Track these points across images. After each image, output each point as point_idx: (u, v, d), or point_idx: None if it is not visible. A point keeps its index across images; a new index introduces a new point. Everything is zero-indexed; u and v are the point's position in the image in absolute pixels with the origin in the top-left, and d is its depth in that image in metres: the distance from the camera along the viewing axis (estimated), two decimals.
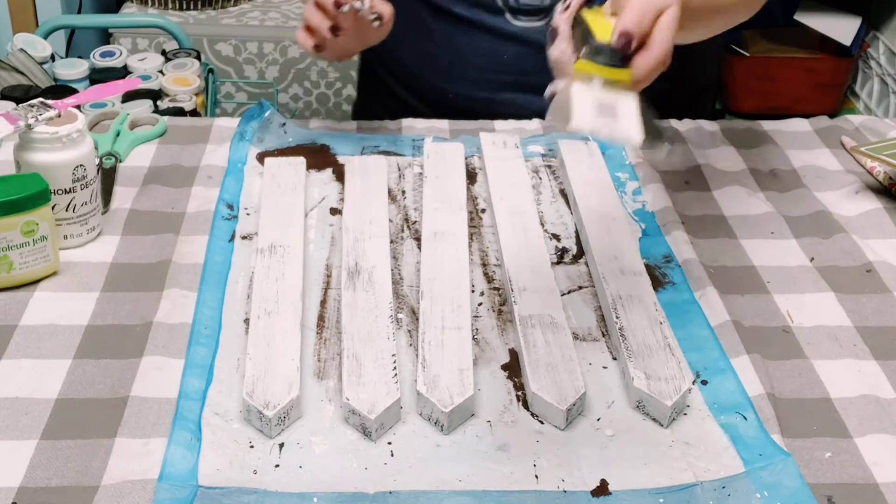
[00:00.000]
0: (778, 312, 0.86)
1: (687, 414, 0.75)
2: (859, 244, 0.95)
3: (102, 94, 1.00)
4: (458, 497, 0.67)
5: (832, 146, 1.15)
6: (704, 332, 0.83)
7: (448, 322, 0.81)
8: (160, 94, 2.08)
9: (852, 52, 2.75)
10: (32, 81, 2.04)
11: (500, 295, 0.88)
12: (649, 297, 0.85)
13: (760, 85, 2.80)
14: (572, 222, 0.99)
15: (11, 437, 0.71)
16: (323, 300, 0.86)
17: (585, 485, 0.69)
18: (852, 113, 2.71)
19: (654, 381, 0.75)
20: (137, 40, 2.48)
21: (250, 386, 0.73)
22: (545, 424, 0.74)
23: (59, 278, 0.88)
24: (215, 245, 0.92)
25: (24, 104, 0.90)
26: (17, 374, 0.77)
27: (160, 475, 0.67)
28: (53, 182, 0.88)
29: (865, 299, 0.88)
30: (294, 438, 0.72)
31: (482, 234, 0.97)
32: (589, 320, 0.85)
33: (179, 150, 1.09)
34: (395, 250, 0.93)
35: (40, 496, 0.66)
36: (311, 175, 1.05)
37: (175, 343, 0.80)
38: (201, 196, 1.00)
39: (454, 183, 1.02)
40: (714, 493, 0.68)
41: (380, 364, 0.76)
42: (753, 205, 1.02)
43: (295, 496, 0.67)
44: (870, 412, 0.75)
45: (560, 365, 0.77)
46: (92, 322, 0.82)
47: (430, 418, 0.73)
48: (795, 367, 0.80)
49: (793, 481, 0.68)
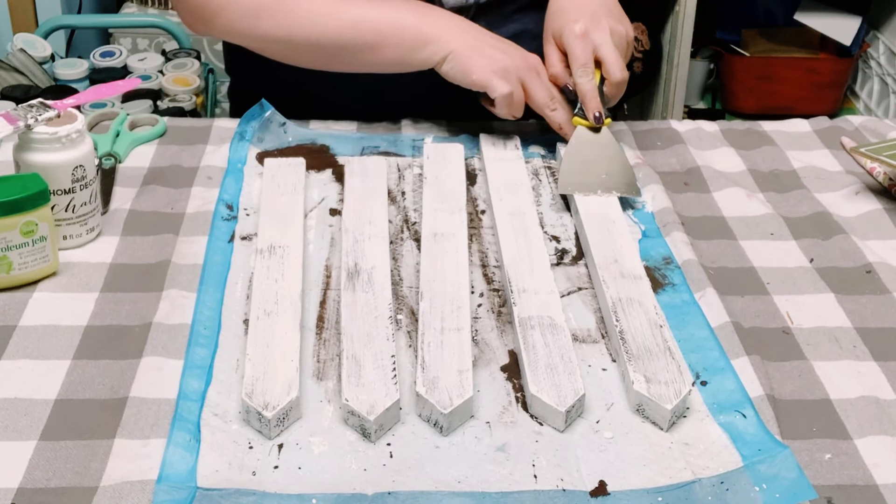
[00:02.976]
0: (778, 313, 0.86)
1: (686, 416, 0.75)
2: (859, 245, 0.95)
3: (102, 94, 1.00)
4: (457, 498, 0.67)
5: (832, 147, 1.15)
6: (704, 333, 0.83)
7: (447, 323, 0.81)
8: (160, 94, 2.08)
9: (852, 52, 2.75)
10: (32, 81, 2.05)
11: (499, 296, 0.88)
12: (649, 300, 0.85)
13: (760, 85, 2.80)
14: (572, 224, 0.99)
15: (10, 438, 0.71)
16: (322, 301, 0.86)
17: (584, 485, 0.69)
18: (852, 113, 2.71)
19: (654, 384, 0.75)
20: (137, 40, 2.47)
21: (249, 387, 0.73)
22: (544, 426, 0.74)
23: (59, 279, 0.88)
24: (215, 245, 0.92)
25: (24, 104, 0.90)
26: (17, 375, 0.76)
27: (159, 476, 0.67)
28: (53, 182, 0.88)
29: (865, 300, 0.88)
30: (293, 439, 0.72)
31: (482, 236, 0.97)
32: (588, 322, 0.85)
33: (179, 151, 1.09)
34: (394, 251, 0.93)
35: (39, 497, 0.66)
36: (310, 176, 1.05)
37: (174, 344, 0.80)
38: (201, 196, 1.00)
39: (454, 184, 1.02)
40: (713, 488, 0.68)
41: (379, 365, 0.76)
42: (753, 206, 1.02)
43: (294, 497, 0.67)
44: (870, 413, 0.75)
45: (559, 366, 0.77)
46: (91, 322, 0.82)
47: (429, 419, 0.73)
48: (795, 369, 0.80)
49: (791, 472, 0.68)
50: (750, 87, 2.82)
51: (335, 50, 1.08)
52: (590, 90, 1.05)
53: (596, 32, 1.05)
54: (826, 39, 2.75)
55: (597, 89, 1.05)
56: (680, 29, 2.56)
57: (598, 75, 1.06)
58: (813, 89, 2.78)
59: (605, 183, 1.00)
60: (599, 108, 1.05)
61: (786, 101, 2.79)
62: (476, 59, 1.05)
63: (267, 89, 1.17)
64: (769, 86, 2.80)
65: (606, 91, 1.06)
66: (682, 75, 2.63)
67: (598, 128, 1.06)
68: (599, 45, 1.05)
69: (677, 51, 2.58)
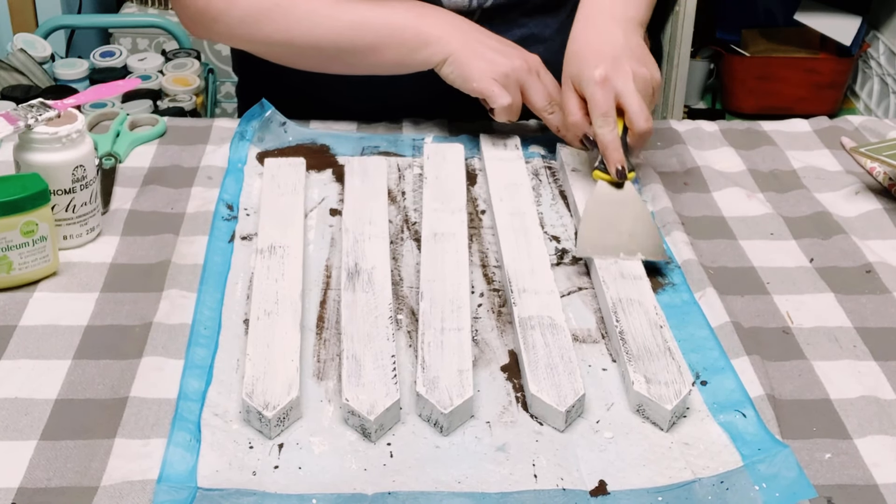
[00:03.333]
0: (777, 313, 0.86)
1: (686, 415, 0.75)
2: (859, 245, 0.95)
3: (102, 94, 1.00)
4: (456, 498, 0.67)
5: (832, 147, 1.15)
6: (704, 333, 0.83)
7: (447, 323, 0.81)
8: (160, 94, 2.08)
9: (852, 52, 2.75)
10: (32, 81, 2.05)
11: (499, 296, 0.88)
12: (649, 300, 0.85)
13: (760, 85, 2.80)
14: (572, 224, 0.99)
15: (11, 438, 0.71)
16: (322, 301, 0.86)
17: (584, 485, 0.69)
18: (852, 113, 2.71)
19: (654, 384, 0.75)
20: (137, 40, 2.47)
21: (250, 387, 0.73)
22: (544, 426, 0.74)
23: (59, 279, 0.88)
24: (215, 245, 0.92)
25: (24, 104, 0.90)
26: (17, 375, 0.76)
27: (159, 476, 0.67)
28: (53, 182, 0.88)
29: (865, 300, 0.88)
30: (293, 439, 0.72)
31: (482, 236, 0.97)
32: (588, 322, 0.85)
33: (179, 151, 1.09)
34: (394, 251, 0.93)
35: (39, 497, 0.66)
36: (310, 176, 1.05)
37: (174, 343, 0.80)
38: (201, 196, 1.00)
39: (454, 184, 1.02)
40: (713, 488, 0.68)
41: (379, 365, 0.76)
42: (753, 206, 1.02)
43: (294, 497, 0.67)
44: (870, 413, 0.75)
45: (559, 366, 0.77)
46: (91, 322, 0.82)
47: (429, 419, 0.74)
48: (795, 368, 0.80)
49: (791, 471, 0.68)
50: (750, 87, 2.82)
51: (335, 52, 1.08)
52: (611, 141, 0.97)
53: (617, 78, 0.98)
54: (826, 39, 2.76)
55: (619, 140, 0.97)
56: (680, 29, 2.56)
57: (620, 124, 0.98)
58: (813, 89, 2.79)
59: (628, 245, 0.91)
60: (622, 161, 0.96)
61: (786, 101, 2.80)
62: (476, 63, 1.04)
63: (274, 89, 1.17)
64: (769, 86, 2.80)
65: (630, 142, 0.99)
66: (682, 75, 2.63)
67: (621, 183, 0.96)
68: (621, 91, 0.97)
69: (677, 51, 2.58)
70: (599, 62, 0.98)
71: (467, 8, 1.12)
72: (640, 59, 1.01)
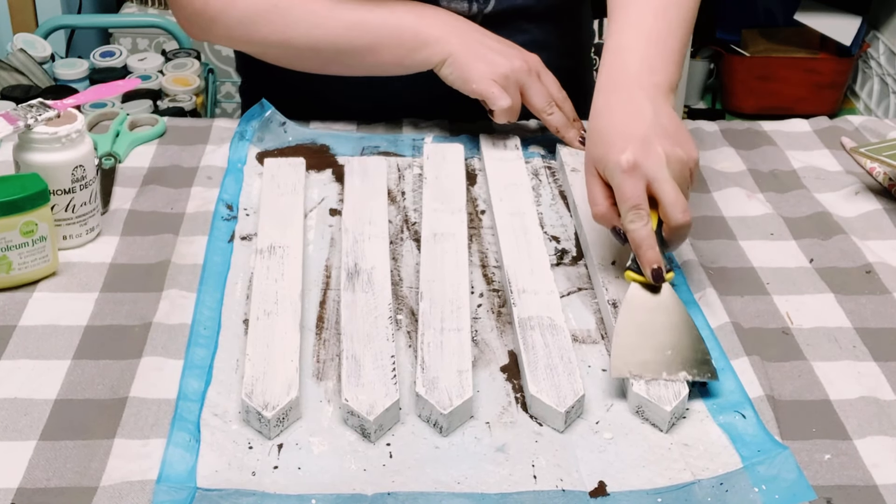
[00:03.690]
0: (777, 314, 0.86)
1: (686, 416, 0.75)
2: (859, 245, 0.95)
3: (102, 94, 1.00)
4: (456, 499, 0.67)
5: (832, 147, 1.15)
6: (704, 333, 0.82)
7: (447, 323, 0.81)
8: (160, 94, 2.08)
9: (852, 52, 2.75)
10: (32, 81, 2.05)
11: (499, 296, 0.88)
12: None
13: (760, 85, 2.81)
14: (572, 224, 0.99)
15: (10, 438, 0.71)
16: (322, 301, 0.86)
17: (584, 486, 0.69)
18: (852, 113, 2.71)
19: (653, 386, 0.75)
20: (137, 40, 2.47)
21: (249, 387, 0.73)
22: (544, 426, 0.74)
23: (59, 279, 0.88)
24: (215, 245, 0.92)
25: (24, 104, 0.90)
26: (16, 375, 0.76)
27: (159, 476, 0.67)
28: (53, 182, 0.88)
29: (865, 300, 0.88)
30: (293, 439, 0.72)
31: (482, 236, 0.97)
32: (588, 322, 0.85)
33: (179, 151, 1.09)
34: (394, 251, 0.93)
35: (39, 497, 0.66)
36: (310, 176, 1.05)
37: (174, 344, 0.80)
38: (201, 196, 1.00)
39: (454, 184, 1.02)
40: (712, 489, 0.68)
41: (379, 365, 0.76)
42: (753, 206, 1.02)
43: (293, 498, 0.67)
44: (869, 414, 0.75)
45: (559, 367, 0.77)
46: (91, 322, 0.82)
47: (428, 420, 0.73)
48: (795, 369, 0.80)
49: (790, 473, 0.68)
50: (750, 87, 2.82)
51: (334, 53, 1.08)
52: (644, 238, 0.82)
53: (648, 163, 0.83)
54: (826, 39, 2.76)
55: (653, 236, 0.83)
56: None
57: (654, 217, 0.84)
58: (813, 89, 2.79)
59: (670, 361, 0.77)
60: (658, 260, 0.82)
61: (786, 101, 2.80)
62: (476, 64, 1.04)
63: (277, 89, 1.17)
64: (769, 86, 2.80)
65: (666, 236, 0.84)
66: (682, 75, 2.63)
67: (658, 286, 0.83)
68: (653, 179, 0.83)
69: None
70: (626, 144, 0.84)
71: (468, 13, 1.12)
72: (674, 136, 0.86)
